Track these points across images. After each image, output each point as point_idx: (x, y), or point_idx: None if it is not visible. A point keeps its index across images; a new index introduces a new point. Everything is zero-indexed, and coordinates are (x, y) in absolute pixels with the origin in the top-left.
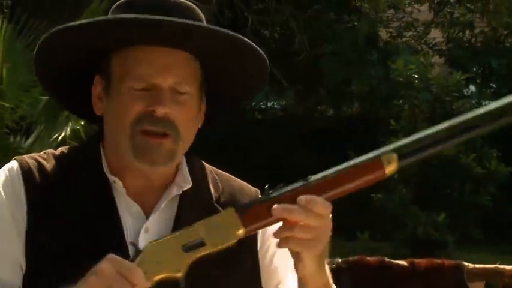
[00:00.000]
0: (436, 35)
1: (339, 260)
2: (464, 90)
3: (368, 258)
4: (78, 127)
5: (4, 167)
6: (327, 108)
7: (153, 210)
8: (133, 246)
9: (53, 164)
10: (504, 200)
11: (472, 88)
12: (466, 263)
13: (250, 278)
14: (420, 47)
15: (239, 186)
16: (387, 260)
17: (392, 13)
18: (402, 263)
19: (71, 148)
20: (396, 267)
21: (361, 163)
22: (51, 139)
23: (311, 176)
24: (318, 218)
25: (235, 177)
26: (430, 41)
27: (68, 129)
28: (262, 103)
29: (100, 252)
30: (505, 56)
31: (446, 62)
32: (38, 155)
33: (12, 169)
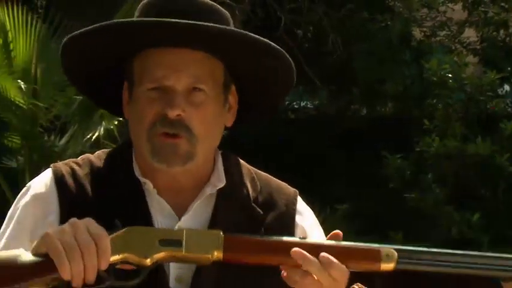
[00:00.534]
0: (470, 34)
1: None
2: (498, 89)
3: None
4: (111, 126)
5: (40, 174)
6: (360, 107)
7: (186, 211)
8: (117, 224)
9: (87, 169)
10: None
11: (506, 87)
12: None
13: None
14: (454, 46)
15: (277, 186)
16: None
17: (425, 12)
18: None
19: (107, 151)
20: None
21: (362, 247)
22: (85, 138)
23: (306, 238)
24: (330, 280)
25: (273, 177)
26: (464, 40)
27: (102, 128)
28: (295, 103)
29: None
30: None
31: (480, 61)
32: (73, 161)
33: (46, 176)
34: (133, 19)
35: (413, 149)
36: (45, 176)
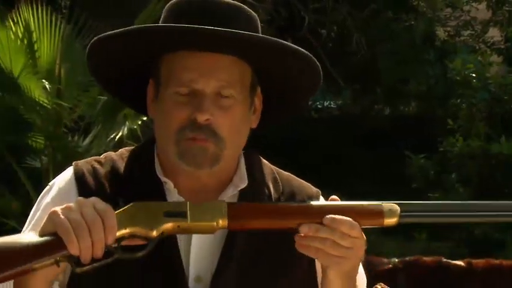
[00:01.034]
0: (494, 33)
1: (396, 260)
2: None
3: (425, 258)
4: (135, 126)
5: (62, 172)
6: (384, 107)
7: None
8: (121, 203)
9: (108, 167)
10: None
11: None
12: None
13: (306, 278)
14: (478, 46)
15: (300, 186)
16: (444, 260)
17: (449, 12)
18: (459, 263)
19: (130, 150)
20: (453, 267)
21: (364, 205)
22: (109, 138)
23: (312, 201)
24: (346, 238)
25: (296, 177)
26: (488, 39)
27: (125, 128)
28: (318, 102)
29: (152, 252)
30: None
31: (505, 61)
32: (95, 159)
33: (67, 175)
34: (169, 24)
35: (437, 148)
36: (66, 175)
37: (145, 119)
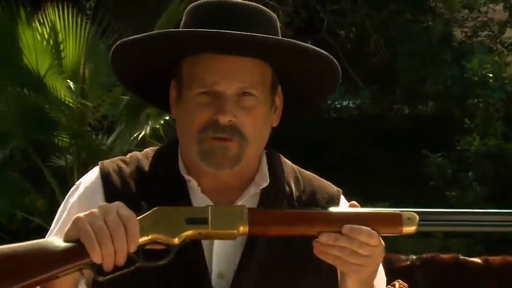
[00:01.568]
0: (511, 34)
1: (413, 257)
2: None
3: (442, 255)
4: (158, 126)
5: (89, 172)
6: (402, 107)
7: None
8: (144, 205)
9: (133, 167)
10: None
11: None
12: None
13: (327, 281)
14: (495, 47)
15: (321, 185)
16: (461, 258)
17: (467, 13)
18: (476, 260)
19: (155, 149)
20: (470, 265)
21: (384, 213)
22: (132, 137)
23: (330, 207)
24: (364, 246)
25: (317, 176)
26: (505, 40)
27: (148, 127)
28: (337, 102)
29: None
30: None
31: None
32: (120, 159)
33: (93, 174)
34: (192, 29)
35: (454, 147)
36: (93, 174)
37: (167, 118)
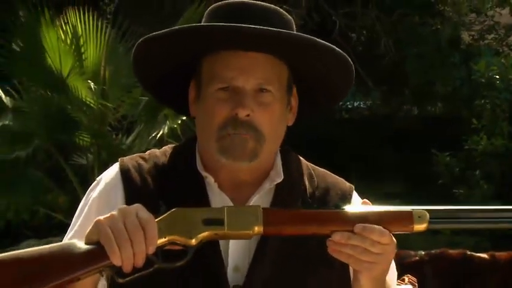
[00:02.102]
0: None
1: (422, 253)
2: None
3: (450, 251)
4: (175, 125)
5: (109, 168)
6: (412, 108)
7: (245, 204)
8: (162, 206)
9: (152, 163)
10: None
11: None
12: None
13: (339, 278)
14: (501, 49)
15: (334, 181)
16: (469, 253)
17: (474, 17)
18: (483, 255)
19: (173, 147)
20: (477, 260)
21: (395, 211)
22: (150, 137)
23: (343, 205)
24: (376, 245)
25: (331, 173)
26: (511, 43)
27: (166, 127)
28: (349, 103)
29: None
30: None
31: None
32: (139, 156)
33: (113, 170)
34: (211, 24)
35: (462, 147)
36: (113, 170)
37: (184, 118)
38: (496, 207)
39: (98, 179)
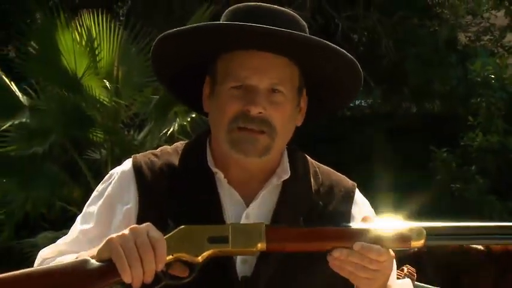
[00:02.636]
0: (511, 38)
1: None
2: None
3: None
4: (185, 123)
5: (122, 164)
6: (411, 106)
7: (254, 199)
8: (171, 223)
9: (163, 160)
10: None
11: None
12: None
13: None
14: (496, 50)
15: (337, 179)
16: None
17: (470, 19)
18: (479, 247)
19: (184, 143)
20: (474, 251)
21: (394, 231)
22: (161, 133)
23: (343, 222)
24: (374, 263)
25: (334, 171)
26: (506, 44)
27: (176, 124)
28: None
29: None
30: None
31: None
32: (152, 152)
33: (126, 166)
34: (229, 22)
35: (459, 143)
36: (126, 166)
37: (194, 116)
38: (491, 224)
39: (110, 172)
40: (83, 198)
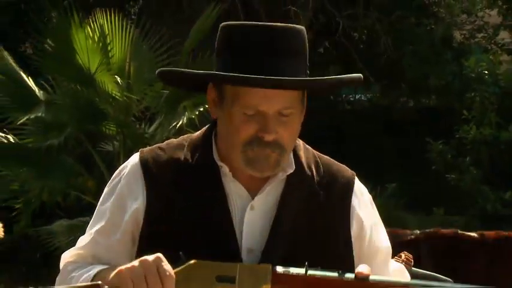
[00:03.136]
0: (504, 36)
1: (418, 232)
2: None
3: (443, 230)
4: (193, 116)
5: (130, 158)
6: (408, 100)
7: (259, 192)
8: (182, 256)
9: (169, 154)
10: None
11: None
12: None
13: (344, 253)
14: (490, 47)
15: (338, 169)
16: (460, 232)
17: (465, 17)
18: (473, 234)
19: (190, 137)
20: (468, 238)
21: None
22: (171, 126)
23: (346, 272)
24: None
25: (334, 161)
26: (499, 41)
27: (185, 118)
28: (351, 96)
29: (209, 226)
30: None
31: None
32: (158, 147)
33: (134, 161)
34: (232, 74)
35: (454, 135)
36: (133, 161)
37: (202, 109)
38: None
39: (119, 168)
40: (96, 188)
